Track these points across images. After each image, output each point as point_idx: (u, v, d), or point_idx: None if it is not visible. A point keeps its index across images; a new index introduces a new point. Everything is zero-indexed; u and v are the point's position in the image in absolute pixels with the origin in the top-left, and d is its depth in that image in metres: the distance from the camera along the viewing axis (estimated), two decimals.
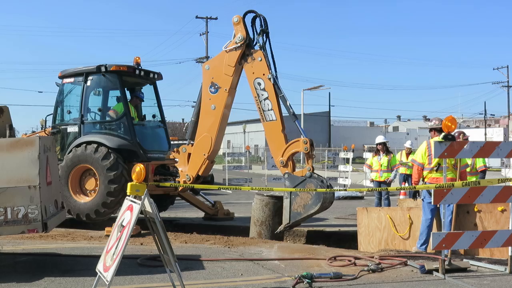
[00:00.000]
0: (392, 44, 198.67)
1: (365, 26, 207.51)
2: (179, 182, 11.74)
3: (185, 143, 12.33)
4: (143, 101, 12.76)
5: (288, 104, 10.92)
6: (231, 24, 11.36)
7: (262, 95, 11.03)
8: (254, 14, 11.24)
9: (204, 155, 11.60)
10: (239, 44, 11.18)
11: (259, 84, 11.05)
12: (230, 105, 11.81)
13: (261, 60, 11.05)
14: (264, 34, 11.22)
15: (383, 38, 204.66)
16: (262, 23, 11.18)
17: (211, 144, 11.57)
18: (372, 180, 15.31)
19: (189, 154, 11.84)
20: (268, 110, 11.02)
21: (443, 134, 7.34)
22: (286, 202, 10.55)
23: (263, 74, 11.01)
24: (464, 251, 8.40)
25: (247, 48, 11.22)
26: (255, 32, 11.30)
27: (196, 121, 11.90)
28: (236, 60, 11.24)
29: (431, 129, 9.35)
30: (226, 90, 11.41)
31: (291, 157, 10.91)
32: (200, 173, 11.68)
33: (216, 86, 11.47)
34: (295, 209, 10.47)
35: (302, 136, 10.76)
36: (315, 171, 10.67)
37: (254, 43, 11.30)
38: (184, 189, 12.51)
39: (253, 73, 11.14)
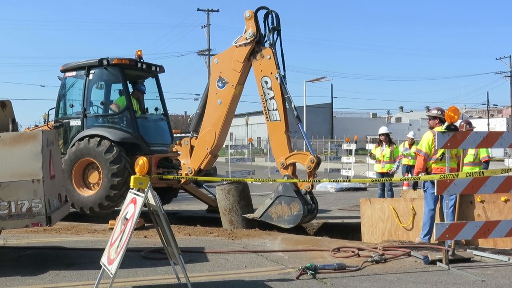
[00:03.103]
0: (395, 35, 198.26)
1: (367, 17, 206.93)
2: (181, 174, 11.74)
3: (188, 136, 12.30)
4: (145, 93, 12.74)
5: (293, 106, 10.78)
6: (232, 17, 11.54)
7: (268, 94, 10.90)
8: (267, 10, 11.06)
9: (207, 149, 11.54)
10: (249, 40, 10.98)
11: (266, 82, 10.90)
12: (236, 101, 11.65)
13: (270, 58, 10.86)
14: (276, 32, 11.01)
15: (385, 29, 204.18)
16: (274, 20, 10.98)
17: (215, 139, 11.48)
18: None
19: (192, 147, 11.80)
20: (273, 110, 10.88)
21: (446, 124, 7.32)
22: (267, 201, 10.56)
23: (271, 73, 10.83)
24: (468, 241, 8.40)
25: (257, 45, 11.03)
26: (267, 29, 11.14)
27: (201, 113, 11.83)
28: (245, 56, 11.06)
29: (435, 117, 9.24)
30: (233, 85, 11.24)
31: (293, 163, 10.85)
32: (202, 167, 11.62)
33: (224, 81, 11.35)
34: (270, 213, 10.50)
35: (310, 153, 10.62)
36: (312, 190, 10.64)
37: (265, 40, 11.15)
38: (187, 182, 12.51)
39: (261, 70, 10.97)
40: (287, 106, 10.87)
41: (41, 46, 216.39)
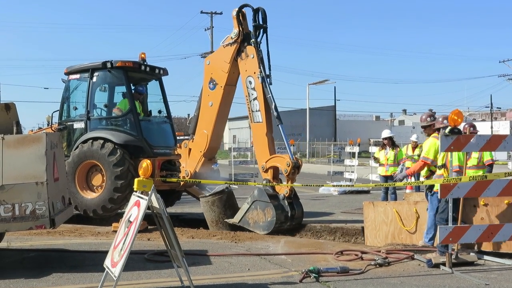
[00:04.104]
0: (398, 37, 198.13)
1: (370, 19, 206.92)
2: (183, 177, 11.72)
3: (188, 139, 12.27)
4: (143, 94, 12.65)
5: (273, 106, 10.50)
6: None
7: (252, 94, 10.68)
8: (256, 8, 10.77)
9: (201, 152, 11.45)
10: (233, 40, 10.83)
11: (250, 82, 10.68)
12: (228, 102, 11.44)
13: (253, 57, 10.64)
14: (262, 30, 10.76)
15: (388, 31, 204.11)
16: (259, 18, 10.73)
17: (207, 142, 11.37)
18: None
19: (190, 150, 11.75)
20: (256, 111, 10.65)
21: (449, 127, 7.32)
22: (245, 206, 10.45)
23: (254, 73, 10.62)
24: (471, 244, 8.37)
25: (242, 44, 10.84)
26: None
27: (198, 116, 11.79)
28: (231, 56, 10.88)
29: (430, 125, 9.02)
30: (221, 87, 11.09)
31: (273, 166, 10.66)
32: (197, 170, 11.53)
33: (214, 83, 11.22)
34: (247, 218, 10.39)
35: (289, 157, 10.35)
36: (292, 196, 10.43)
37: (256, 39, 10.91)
38: (189, 185, 12.47)
39: (246, 70, 10.78)
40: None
41: (45, 49, 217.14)
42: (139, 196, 5.73)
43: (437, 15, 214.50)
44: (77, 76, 12.15)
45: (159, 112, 12.92)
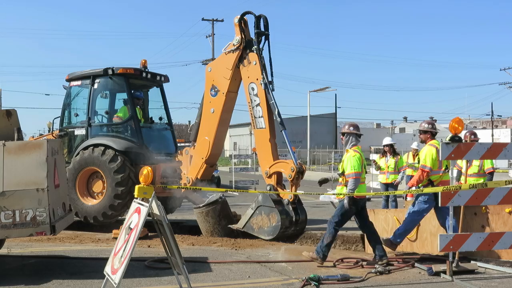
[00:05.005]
0: (399, 44, 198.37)
1: (371, 26, 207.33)
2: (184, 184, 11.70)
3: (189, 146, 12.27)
4: (141, 99, 12.66)
5: (276, 112, 10.53)
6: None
7: (255, 101, 10.73)
8: (258, 15, 10.85)
9: (202, 158, 11.47)
10: (235, 47, 10.90)
11: (253, 89, 10.73)
12: (229, 109, 11.47)
13: (255, 64, 10.70)
14: (264, 36, 10.83)
15: (389, 38, 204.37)
16: (260, 25, 10.80)
17: (209, 148, 11.39)
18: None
19: (191, 156, 11.77)
20: (259, 117, 10.71)
21: (450, 135, 7.31)
22: (249, 211, 10.43)
23: (257, 79, 10.67)
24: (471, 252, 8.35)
25: (244, 51, 10.90)
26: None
27: (199, 123, 11.82)
28: (234, 62, 10.93)
29: (426, 131, 8.82)
30: (223, 93, 11.15)
31: (277, 172, 10.64)
32: (199, 177, 11.54)
33: (216, 89, 11.26)
34: (252, 223, 10.35)
35: (293, 162, 10.36)
36: (296, 201, 10.40)
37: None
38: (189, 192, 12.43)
39: (248, 77, 10.82)
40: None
41: (46, 55, 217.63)
42: (139, 203, 5.74)
43: (438, 22, 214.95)
44: (79, 82, 12.19)
45: (160, 119, 12.94)
